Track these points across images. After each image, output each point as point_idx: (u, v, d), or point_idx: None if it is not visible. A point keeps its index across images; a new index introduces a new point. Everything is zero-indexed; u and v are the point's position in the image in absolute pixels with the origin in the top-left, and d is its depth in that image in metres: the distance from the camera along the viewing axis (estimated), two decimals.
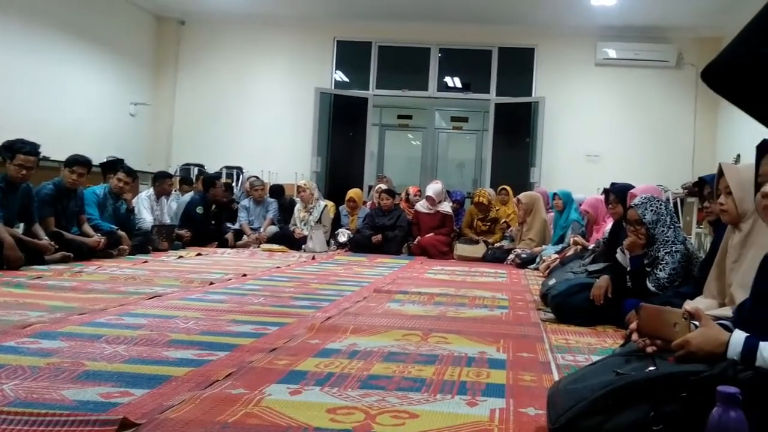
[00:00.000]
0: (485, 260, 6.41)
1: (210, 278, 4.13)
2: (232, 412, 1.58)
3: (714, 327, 1.47)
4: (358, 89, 9.35)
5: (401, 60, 9.47)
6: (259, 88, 9.25)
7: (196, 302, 3.23)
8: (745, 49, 0.42)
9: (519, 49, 9.00)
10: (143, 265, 4.79)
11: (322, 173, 9.05)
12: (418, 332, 2.63)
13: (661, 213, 3.00)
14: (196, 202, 6.78)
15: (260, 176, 8.32)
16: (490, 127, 8.98)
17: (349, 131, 9.28)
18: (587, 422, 1.36)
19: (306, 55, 9.19)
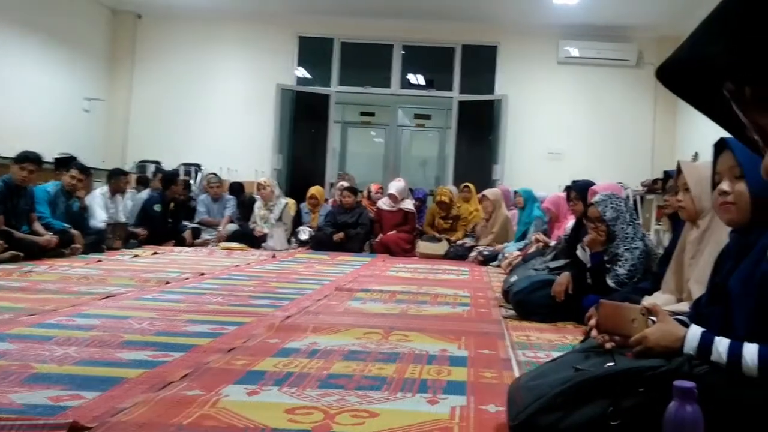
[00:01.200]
0: (447, 258, 6.43)
1: (166, 277, 4.03)
2: (188, 414, 1.54)
3: (671, 323, 1.49)
4: (320, 86, 9.28)
5: (364, 57, 9.43)
6: (219, 84, 9.10)
7: (152, 302, 3.15)
8: (698, 48, 0.41)
9: (482, 47, 9.04)
10: (97, 265, 4.65)
11: (284, 170, 8.96)
12: (379, 330, 2.61)
13: (621, 210, 3.03)
14: (153, 199, 6.62)
15: (219, 173, 8.17)
16: (453, 124, 9.01)
17: (311, 128, 9.20)
18: (547, 418, 1.36)
19: (267, 51, 9.07)
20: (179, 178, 7.10)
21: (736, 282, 1.41)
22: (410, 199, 7.13)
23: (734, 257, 1.46)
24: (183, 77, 9.07)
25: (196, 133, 8.99)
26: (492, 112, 8.82)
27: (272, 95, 8.87)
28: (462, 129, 8.92)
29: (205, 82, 9.08)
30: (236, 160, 8.70)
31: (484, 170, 8.62)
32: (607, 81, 8.75)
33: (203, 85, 9.08)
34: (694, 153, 7.24)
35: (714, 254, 1.61)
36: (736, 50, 0.39)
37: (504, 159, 8.67)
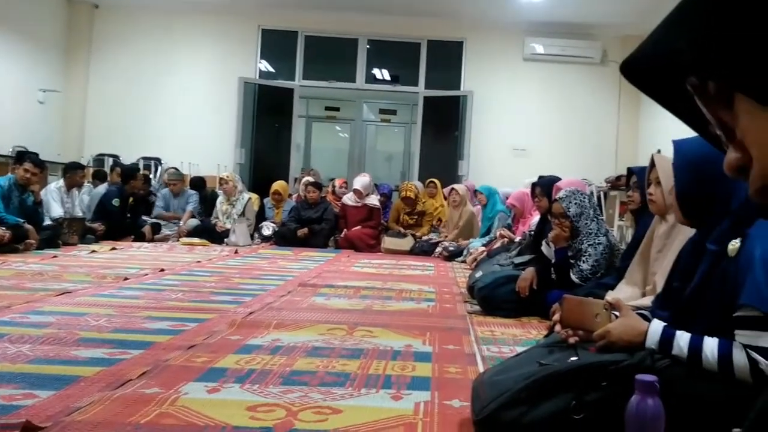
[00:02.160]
0: (413, 253, 6.44)
1: (125, 273, 3.93)
2: (146, 413, 1.50)
3: (633, 317, 1.51)
4: (284, 80, 9.17)
5: (329, 51, 9.35)
6: (180, 77, 8.90)
7: (109, 298, 3.07)
8: (662, 42, 0.41)
9: (448, 43, 9.05)
10: (52, 261, 4.51)
11: (247, 165, 8.83)
12: (343, 326, 2.59)
13: (585, 206, 3.06)
14: (112, 194, 6.44)
15: (181, 168, 8.02)
16: (419, 120, 9.01)
17: (274, 122, 9.09)
18: (510, 413, 1.36)
19: (229, 44, 8.91)
20: (139, 173, 6.93)
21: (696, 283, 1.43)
22: (375, 194, 7.12)
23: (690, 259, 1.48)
24: (142, 69, 8.86)
25: (157, 126, 8.79)
26: (458, 108, 8.84)
27: (234, 89, 8.73)
28: (428, 125, 8.93)
29: (165, 75, 8.88)
30: (198, 155, 8.54)
31: (449, 166, 8.64)
32: (572, 78, 8.86)
33: (163, 77, 8.88)
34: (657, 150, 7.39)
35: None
36: (699, 45, 0.39)
37: (469, 155, 8.71)
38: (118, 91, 8.82)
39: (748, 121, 0.40)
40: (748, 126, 0.40)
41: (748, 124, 0.40)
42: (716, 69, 0.39)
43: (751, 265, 1.27)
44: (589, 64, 8.76)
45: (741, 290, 1.27)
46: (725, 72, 0.39)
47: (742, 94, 0.40)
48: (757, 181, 0.41)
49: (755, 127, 0.40)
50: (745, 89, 0.39)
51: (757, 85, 0.38)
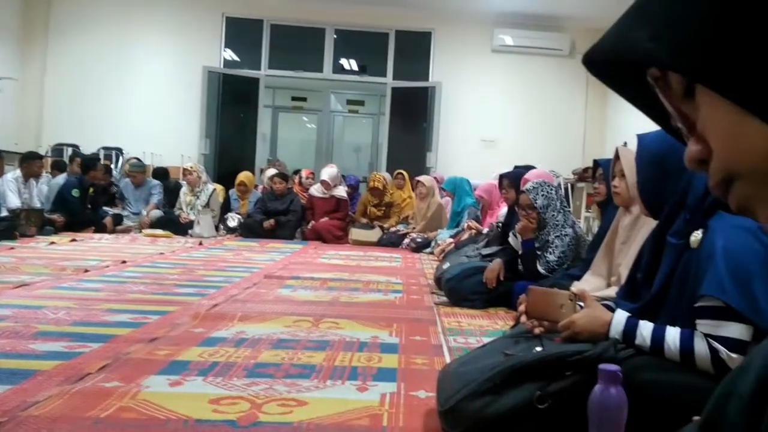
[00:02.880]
0: (380, 245, 6.43)
1: (85, 265, 3.83)
2: (105, 407, 1.47)
3: (598, 308, 1.53)
4: (249, 69, 9.04)
5: (295, 40, 9.22)
6: (142, 65, 8.68)
7: (69, 291, 2.99)
8: (623, 33, 0.40)
9: (416, 33, 9.00)
10: (9, 252, 4.37)
11: (211, 156, 8.67)
12: (309, 318, 2.57)
13: (552, 198, 3.08)
14: (71, 184, 6.28)
15: (143, 158, 7.85)
16: (387, 111, 8.97)
17: (239, 112, 8.94)
18: (475, 403, 1.36)
19: (193, 32, 8.71)
20: (99, 163, 6.75)
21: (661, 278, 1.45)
22: (343, 185, 7.08)
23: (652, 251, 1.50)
24: (102, 57, 8.60)
25: (118, 115, 8.56)
26: (426, 99, 8.81)
27: (198, 78, 8.55)
28: (396, 116, 8.91)
29: (126, 63, 8.64)
30: (161, 145, 8.36)
31: (417, 157, 8.63)
32: (541, 70, 8.91)
33: (125, 65, 8.64)
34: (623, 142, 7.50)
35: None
36: (659, 36, 0.39)
37: (438, 146, 8.71)
38: (77, 79, 8.56)
39: (709, 113, 0.40)
40: (708, 118, 0.40)
41: (709, 116, 0.40)
42: (676, 61, 0.39)
43: (712, 257, 1.30)
44: (557, 56, 8.82)
45: (702, 281, 1.29)
46: (685, 63, 0.38)
47: (702, 85, 0.40)
48: (717, 174, 0.41)
49: (716, 119, 0.40)
50: (706, 81, 0.39)
51: (717, 77, 0.37)
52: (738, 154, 0.39)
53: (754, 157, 0.38)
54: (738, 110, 0.37)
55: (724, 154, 0.40)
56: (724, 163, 0.40)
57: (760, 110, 0.36)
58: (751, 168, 0.39)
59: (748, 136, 0.37)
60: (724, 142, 0.40)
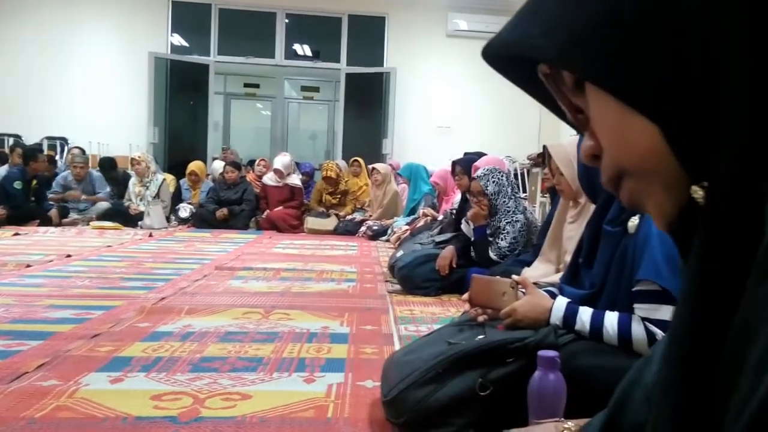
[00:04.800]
0: (337, 233, 6.40)
1: (27, 260, 3.71)
2: (41, 406, 1.43)
3: (538, 295, 1.55)
4: (198, 55, 8.83)
5: (245, 25, 9.01)
6: (86, 52, 8.37)
7: (9, 287, 2.90)
8: (518, 28, 0.41)
9: (369, 18, 8.89)
10: None
11: (161, 145, 8.45)
12: (259, 310, 2.54)
13: (503, 184, 3.10)
14: (13, 176, 6.05)
15: (89, 148, 7.60)
16: (341, 97, 8.89)
17: (189, 100, 8.73)
18: (419, 392, 1.37)
19: (137, 16, 8.43)
20: (41, 154, 6.51)
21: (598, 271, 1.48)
22: (297, 174, 7.01)
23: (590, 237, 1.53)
24: (45, 43, 8.26)
25: (62, 104, 8.26)
26: (381, 85, 8.74)
27: (145, 64, 8.31)
28: (351, 102, 8.84)
29: (70, 49, 8.32)
30: (107, 134, 8.10)
31: (374, 144, 8.59)
32: None
33: (69, 51, 8.32)
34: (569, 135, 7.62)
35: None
36: (549, 34, 0.39)
37: (393, 133, 8.68)
38: (17, 67, 8.20)
39: (597, 110, 0.40)
40: (596, 115, 0.40)
41: (597, 113, 0.40)
42: (564, 58, 0.39)
43: (648, 242, 1.33)
44: None
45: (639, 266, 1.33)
46: (573, 61, 0.39)
47: (589, 83, 0.40)
48: (607, 170, 0.41)
49: (603, 116, 0.40)
50: (592, 78, 0.39)
51: (602, 75, 0.38)
52: (624, 150, 0.40)
53: (639, 153, 0.39)
54: (623, 107, 0.37)
55: (612, 151, 0.41)
56: (612, 159, 0.41)
57: (643, 107, 0.37)
58: (637, 164, 0.39)
59: (633, 132, 0.38)
60: (611, 138, 0.40)
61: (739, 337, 0.31)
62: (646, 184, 0.40)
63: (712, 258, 0.36)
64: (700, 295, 0.37)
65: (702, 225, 0.36)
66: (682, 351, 0.37)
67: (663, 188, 0.39)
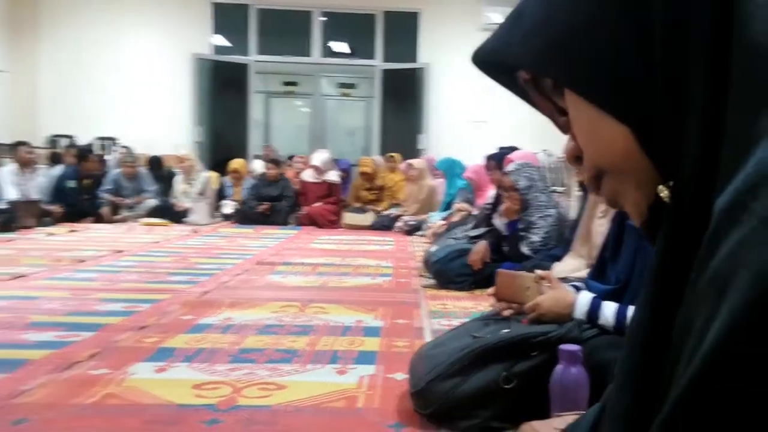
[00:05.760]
0: (374, 228, 6.47)
1: (81, 256, 3.90)
2: (92, 394, 1.54)
3: (562, 290, 1.58)
4: (238, 55, 9.02)
5: (283, 24, 9.15)
6: (132, 55, 8.64)
7: (64, 281, 3.07)
8: (503, 35, 0.44)
9: (403, 14, 8.92)
10: (8, 244, 4.45)
11: (204, 143, 8.70)
12: (296, 304, 2.63)
13: (535, 179, 3.08)
14: (67, 175, 6.35)
15: (136, 147, 7.86)
16: (378, 93, 8.96)
17: (231, 99, 8.93)
18: (445, 384, 1.42)
19: (181, 19, 8.67)
20: (92, 153, 6.80)
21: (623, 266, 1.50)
22: (335, 170, 7.11)
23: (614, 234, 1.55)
24: (93, 46, 8.57)
25: (110, 105, 8.56)
26: (416, 81, 8.77)
27: (188, 65, 8.55)
28: (387, 98, 8.89)
29: (117, 52, 8.62)
30: (154, 133, 8.37)
31: (409, 140, 8.62)
32: None
33: (115, 54, 8.61)
34: None
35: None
36: (526, 41, 0.41)
37: (429, 128, 8.70)
38: (69, 69, 8.55)
39: (574, 112, 0.42)
40: (574, 117, 0.43)
41: (574, 115, 0.42)
42: (540, 64, 0.41)
43: None
44: None
45: None
46: (547, 67, 0.41)
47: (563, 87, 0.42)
48: (588, 170, 0.43)
49: (579, 118, 0.42)
50: (565, 83, 0.41)
51: (575, 80, 0.40)
52: (599, 151, 0.41)
53: (613, 154, 0.40)
54: (597, 111, 0.39)
55: (589, 152, 0.43)
56: (590, 160, 0.43)
57: (614, 111, 0.38)
58: (611, 164, 0.41)
59: (607, 134, 0.40)
60: (587, 140, 0.42)
61: (681, 328, 0.33)
62: (622, 183, 0.41)
63: (669, 254, 0.38)
64: (657, 288, 0.39)
65: (665, 223, 0.38)
66: (642, 336, 0.40)
67: (637, 187, 0.41)
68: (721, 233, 0.29)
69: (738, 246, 0.28)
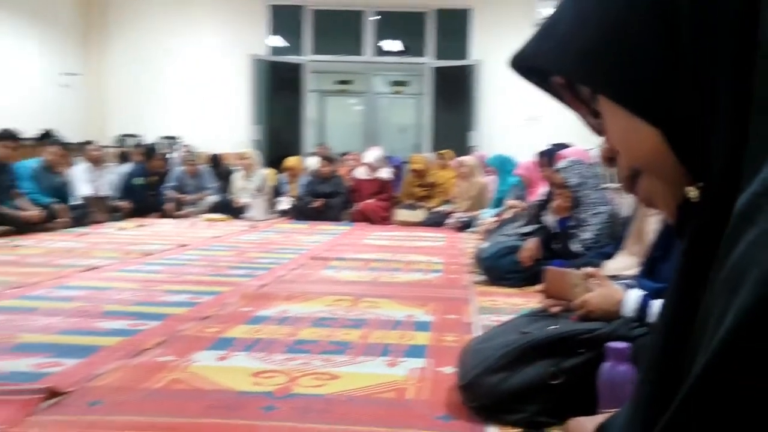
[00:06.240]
0: (425, 225, 6.51)
1: (148, 249, 4.10)
2: (159, 379, 1.64)
3: (611, 287, 1.59)
4: (294, 55, 9.21)
5: (336, 24, 9.27)
6: (192, 56, 8.96)
7: (133, 273, 3.25)
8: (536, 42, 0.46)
9: (455, 11, 8.89)
10: (82, 238, 4.72)
11: (262, 141, 8.92)
12: (349, 298, 2.71)
13: (586, 176, 3.05)
14: (135, 172, 6.69)
15: (197, 145, 8.15)
16: (429, 91, 8.97)
17: (287, 98, 9.12)
18: (492, 378, 1.45)
19: (238, 22, 8.92)
20: (158, 152, 7.13)
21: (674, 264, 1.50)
22: (387, 167, 7.18)
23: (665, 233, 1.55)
24: (156, 49, 8.92)
25: (174, 105, 8.90)
26: (468, 78, 8.73)
27: (246, 66, 8.78)
28: (438, 95, 8.89)
29: (177, 55, 8.94)
30: (214, 132, 8.65)
31: (461, 137, 8.59)
32: None
33: (176, 57, 8.93)
34: None
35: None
36: (561, 49, 0.43)
37: (480, 125, 8.65)
38: (135, 72, 8.93)
39: (607, 115, 0.44)
40: (607, 120, 0.45)
41: (608, 120, 0.45)
42: (573, 71, 0.44)
43: None
44: None
45: None
46: (580, 73, 0.43)
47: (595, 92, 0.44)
48: (622, 170, 0.46)
49: (612, 120, 0.43)
50: (597, 88, 0.44)
51: (606, 85, 0.42)
52: (631, 152, 0.43)
53: (644, 155, 0.42)
54: (628, 114, 0.41)
55: (622, 153, 0.45)
56: (624, 160, 0.45)
57: (644, 114, 0.40)
58: (643, 165, 0.43)
59: (638, 136, 0.41)
60: (619, 141, 0.45)
61: (699, 325, 0.35)
62: (654, 183, 0.43)
63: (693, 253, 0.40)
64: (680, 286, 0.42)
65: (692, 222, 0.41)
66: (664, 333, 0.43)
67: (668, 187, 0.43)
68: (737, 233, 0.31)
69: (751, 246, 0.30)
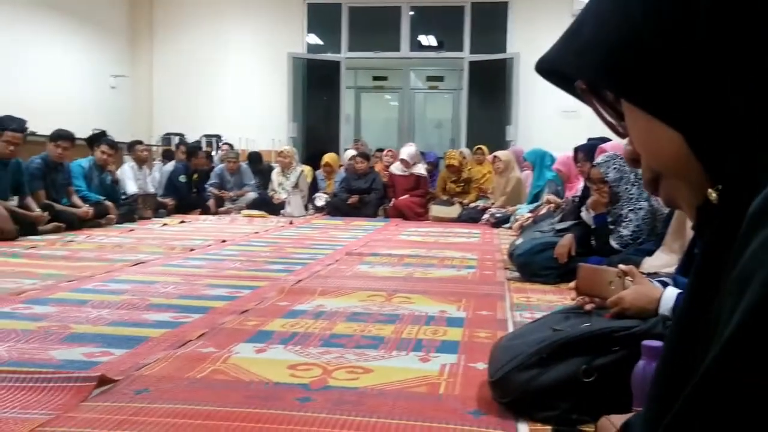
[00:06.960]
0: (460, 221, 6.51)
1: (191, 245, 4.23)
2: (201, 369, 1.71)
3: (646, 285, 1.57)
4: (330, 52, 9.28)
5: (373, 21, 9.34)
6: (233, 56, 9.16)
7: (177, 268, 3.36)
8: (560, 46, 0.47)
9: (492, 4, 8.88)
10: (129, 234, 4.90)
11: (299, 138, 9.04)
12: (383, 293, 2.75)
13: (625, 171, 2.99)
14: (178, 171, 6.89)
15: (238, 143, 8.32)
16: (465, 85, 8.94)
17: (323, 95, 9.23)
18: (523, 375, 1.45)
19: (277, 20, 9.07)
20: (200, 150, 7.33)
21: None
22: (422, 163, 7.20)
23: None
24: (199, 51, 9.15)
25: (216, 104, 9.12)
26: (504, 72, 8.67)
27: (284, 64, 8.90)
28: (474, 90, 8.86)
29: (220, 55, 9.15)
30: (254, 130, 8.81)
31: (497, 131, 8.55)
32: None
33: (219, 57, 9.16)
34: None
35: None
36: (584, 55, 0.44)
37: (517, 119, 8.57)
38: (179, 73, 9.18)
39: (629, 118, 0.44)
40: (630, 125, 0.46)
41: (631, 123, 0.45)
42: (596, 75, 0.45)
43: None
44: None
45: None
46: (603, 78, 0.44)
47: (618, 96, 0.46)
48: (645, 172, 0.47)
49: (634, 124, 0.44)
50: (619, 92, 0.45)
51: (628, 89, 0.43)
52: (653, 155, 0.44)
53: (666, 157, 0.43)
54: (650, 117, 0.42)
55: (644, 155, 0.46)
56: (646, 162, 0.46)
57: (665, 118, 0.41)
58: (665, 167, 0.44)
59: (660, 139, 0.42)
60: (641, 144, 0.45)
61: (712, 322, 0.36)
62: (676, 185, 0.44)
63: (710, 254, 0.41)
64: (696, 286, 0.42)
65: (711, 224, 0.41)
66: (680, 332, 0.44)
67: (689, 189, 0.43)
68: (749, 235, 0.31)
69: (760, 247, 0.30)
